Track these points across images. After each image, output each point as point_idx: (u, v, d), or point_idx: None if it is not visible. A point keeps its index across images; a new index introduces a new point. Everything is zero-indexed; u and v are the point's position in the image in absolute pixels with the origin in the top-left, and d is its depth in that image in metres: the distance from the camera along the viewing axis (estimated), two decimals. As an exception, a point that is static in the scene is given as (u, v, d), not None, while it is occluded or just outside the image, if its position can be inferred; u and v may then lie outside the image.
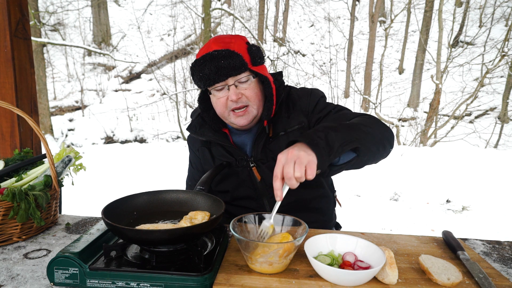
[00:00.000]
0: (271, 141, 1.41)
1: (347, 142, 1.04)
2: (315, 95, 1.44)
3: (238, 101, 1.31)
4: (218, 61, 1.25)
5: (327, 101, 1.47)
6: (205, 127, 1.46)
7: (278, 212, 1.07)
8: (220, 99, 1.33)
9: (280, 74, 1.50)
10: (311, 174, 0.94)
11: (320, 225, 1.52)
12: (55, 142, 10.62)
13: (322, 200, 1.51)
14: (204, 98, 1.45)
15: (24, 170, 1.39)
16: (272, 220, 1.04)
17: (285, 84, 1.52)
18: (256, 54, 1.34)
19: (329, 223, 1.60)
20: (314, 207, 1.49)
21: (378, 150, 1.15)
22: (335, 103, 1.46)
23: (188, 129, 1.51)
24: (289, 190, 1.05)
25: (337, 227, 1.71)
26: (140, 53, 14.66)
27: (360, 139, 1.08)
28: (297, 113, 1.41)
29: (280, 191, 0.98)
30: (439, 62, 9.39)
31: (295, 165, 0.94)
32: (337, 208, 1.68)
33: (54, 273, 0.92)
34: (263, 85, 1.39)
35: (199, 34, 13.35)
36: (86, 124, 11.75)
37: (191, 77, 1.37)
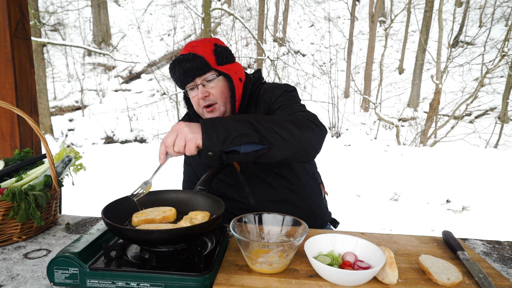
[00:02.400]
0: None
1: (246, 134, 1.09)
2: (279, 89, 1.49)
3: (205, 99, 1.41)
4: (184, 64, 1.38)
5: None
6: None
7: (279, 212, 1.09)
8: (194, 97, 1.44)
9: (256, 71, 1.61)
10: (188, 151, 1.07)
11: (309, 215, 1.54)
12: (55, 142, 10.62)
13: (303, 189, 1.55)
14: (187, 98, 1.55)
15: (24, 170, 1.39)
16: (151, 181, 1.17)
17: (263, 81, 1.60)
18: (222, 54, 1.44)
19: (319, 214, 1.61)
20: (295, 195, 1.52)
21: (288, 147, 1.14)
22: (300, 100, 1.50)
23: None
24: (272, 180, 1.31)
25: (334, 223, 1.71)
26: (140, 53, 14.66)
27: (262, 132, 1.10)
28: (262, 106, 1.49)
29: (163, 155, 1.14)
30: (439, 62, 9.39)
31: (177, 137, 1.08)
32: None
33: (54, 273, 0.92)
34: (229, 83, 1.46)
35: (199, 34, 13.36)
36: (86, 124, 11.74)
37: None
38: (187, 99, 1.56)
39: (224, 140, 1.06)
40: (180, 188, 1.69)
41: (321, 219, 1.62)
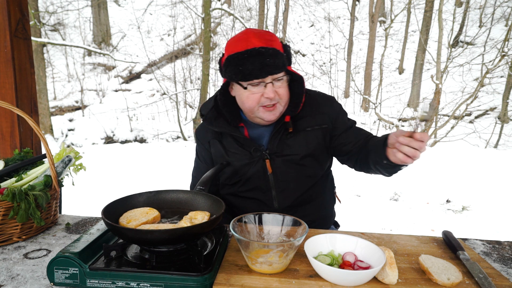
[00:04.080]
0: (290, 136, 1.45)
1: None
2: (337, 103, 1.55)
3: (272, 99, 1.33)
4: (264, 58, 1.26)
5: None
6: (219, 120, 1.48)
7: (279, 209, 1.10)
8: (255, 94, 1.34)
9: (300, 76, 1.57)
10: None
11: (321, 220, 1.56)
12: (55, 142, 10.62)
13: (323, 195, 1.57)
14: (222, 93, 1.46)
15: (24, 170, 1.39)
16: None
17: None
18: (290, 54, 1.39)
19: (329, 219, 1.64)
20: (315, 201, 1.54)
21: None
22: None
23: (204, 120, 1.50)
24: (301, 185, 1.43)
25: (336, 225, 1.72)
26: (140, 53, 14.65)
27: None
28: (322, 115, 1.47)
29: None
30: (439, 62, 9.39)
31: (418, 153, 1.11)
32: (337, 206, 1.71)
33: (54, 273, 0.92)
34: (292, 84, 1.43)
35: (199, 34, 13.36)
36: (86, 124, 11.74)
37: (221, 68, 1.38)
38: (224, 93, 1.45)
39: None
40: (180, 186, 1.68)
41: (328, 224, 1.65)
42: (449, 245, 1.13)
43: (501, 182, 5.25)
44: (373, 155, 1.29)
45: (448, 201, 4.83)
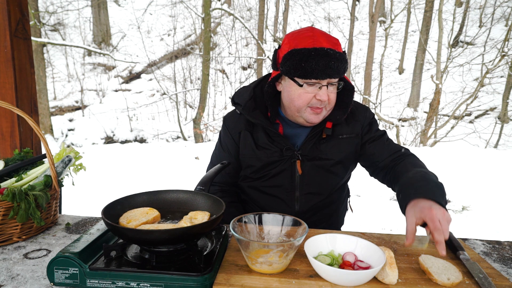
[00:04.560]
0: (324, 141, 1.45)
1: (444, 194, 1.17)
2: (370, 113, 1.54)
3: (324, 102, 1.32)
4: (330, 60, 1.24)
5: None
6: (256, 112, 1.44)
7: (279, 212, 1.10)
8: (308, 94, 1.32)
9: None
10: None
11: (330, 226, 1.57)
12: (55, 142, 10.62)
13: (339, 202, 1.60)
14: (272, 86, 1.43)
15: (24, 170, 1.39)
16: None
17: None
18: (347, 62, 1.35)
19: (338, 227, 1.67)
20: (331, 207, 1.55)
21: None
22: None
23: (243, 109, 1.45)
24: (325, 190, 1.43)
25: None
26: (140, 53, 14.66)
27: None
28: (355, 123, 1.48)
29: (413, 236, 1.04)
30: (439, 62, 9.39)
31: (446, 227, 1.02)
32: (348, 213, 1.74)
33: (54, 273, 0.92)
34: (341, 92, 1.41)
35: (199, 34, 13.36)
36: (86, 124, 11.75)
37: (279, 61, 1.34)
38: (272, 88, 1.42)
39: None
40: (180, 186, 1.68)
41: (338, 227, 1.67)
42: (449, 245, 1.13)
43: (501, 182, 5.25)
44: (397, 194, 1.28)
45: (448, 201, 4.84)
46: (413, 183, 1.19)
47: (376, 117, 1.59)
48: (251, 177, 1.53)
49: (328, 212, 1.54)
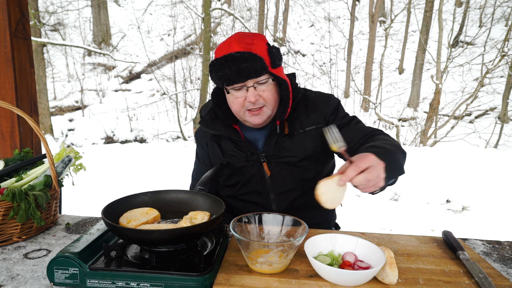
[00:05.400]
0: (286, 138, 1.44)
1: (398, 171, 1.16)
2: (334, 100, 1.50)
3: (256, 102, 1.33)
4: (240, 63, 1.26)
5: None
6: (216, 122, 1.48)
7: (284, 210, 1.10)
8: (238, 99, 1.34)
9: (293, 75, 1.53)
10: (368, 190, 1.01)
11: (322, 223, 1.55)
12: (55, 142, 10.62)
13: None
14: (218, 93, 1.46)
15: (24, 170, 1.39)
16: None
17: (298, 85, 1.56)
18: (276, 56, 1.35)
19: (331, 222, 1.64)
20: (315, 204, 1.50)
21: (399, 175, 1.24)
22: (346, 111, 1.53)
23: (200, 123, 1.52)
24: (300, 187, 1.32)
25: (336, 227, 1.72)
26: (140, 53, 14.66)
27: (403, 166, 1.19)
28: (316, 114, 1.45)
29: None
30: (439, 62, 9.39)
31: (370, 183, 0.98)
32: (338, 208, 1.70)
33: (54, 273, 0.92)
34: (279, 87, 1.41)
35: (199, 34, 13.36)
36: (86, 124, 11.74)
37: (209, 74, 1.38)
38: (216, 95, 1.46)
39: (390, 179, 1.09)
40: (180, 186, 1.68)
41: (329, 227, 1.64)
42: (449, 245, 1.13)
43: (501, 182, 5.25)
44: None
45: (448, 201, 4.83)
46: (368, 147, 1.15)
47: (349, 107, 1.53)
48: (226, 185, 1.56)
49: (312, 210, 1.48)
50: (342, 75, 13.65)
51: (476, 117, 11.56)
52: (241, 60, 1.26)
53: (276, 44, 13.96)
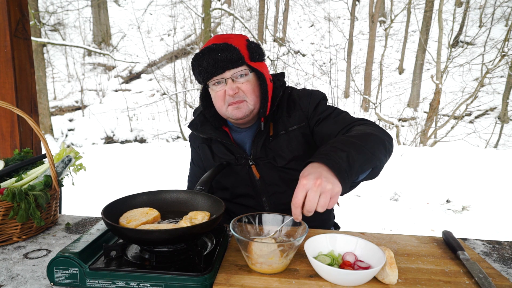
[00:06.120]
0: (272, 139, 1.42)
1: (367, 161, 1.05)
2: (316, 96, 1.45)
3: (235, 95, 1.32)
4: (216, 54, 1.27)
5: (328, 102, 1.49)
6: (206, 125, 1.49)
7: (278, 212, 1.10)
8: (218, 92, 1.34)
9: (281, 74, 1.51)
10: (332, 205, 0.93)
11: (319, 224, 1.53)
12: (55, 142, 10.62)
13: None
14: (206, 96, 1.47)
15: (24, 170, 1.39)
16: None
17: (287, 85, 1.53)
18: (255, 50, 1.35)
19: (328, 222, 1.62)
20: None
21: (386, 159, 1.19)
22: (335, 105, 1.48)
23: (189, 126, 1.52)
24: (291, 189, 1.11)
25: (336, 227, 1.71)
26: (140, 53, 14.66)
27: (376, 155, 1.09)
28: (298, 113, 1.43)
29: (301, 216, 0.95)
30: (439, 62, 9.39)
31: (320, 198, 0.91)
32: (336, 208, 1.69)
33: (54, 273, 0.92)
34: (260, 82, 1.40)
35: (199, 34, 13.35)
36: (86, 124, 11.75)
37: (192, 74, 1.39)
38: (204, 98, 1.45)
39: (350, 176, 0.98)
40: (180, 186, 1.68)
41: (327, 227, 1.62)
42: (449, 245, 1.12)
43: (501, 182, 5.25)
44: None
45: (448, 201, 4.83)
46: (321, 149, 1.06)
47: (327, 98, 1.45)
48: (218, 188, 1.55)
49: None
50: (342, 75, 13.65)
51: (476, 117, 11.56)
52: (217, 51, 1.27)
53: (276, 44, 13.97)
